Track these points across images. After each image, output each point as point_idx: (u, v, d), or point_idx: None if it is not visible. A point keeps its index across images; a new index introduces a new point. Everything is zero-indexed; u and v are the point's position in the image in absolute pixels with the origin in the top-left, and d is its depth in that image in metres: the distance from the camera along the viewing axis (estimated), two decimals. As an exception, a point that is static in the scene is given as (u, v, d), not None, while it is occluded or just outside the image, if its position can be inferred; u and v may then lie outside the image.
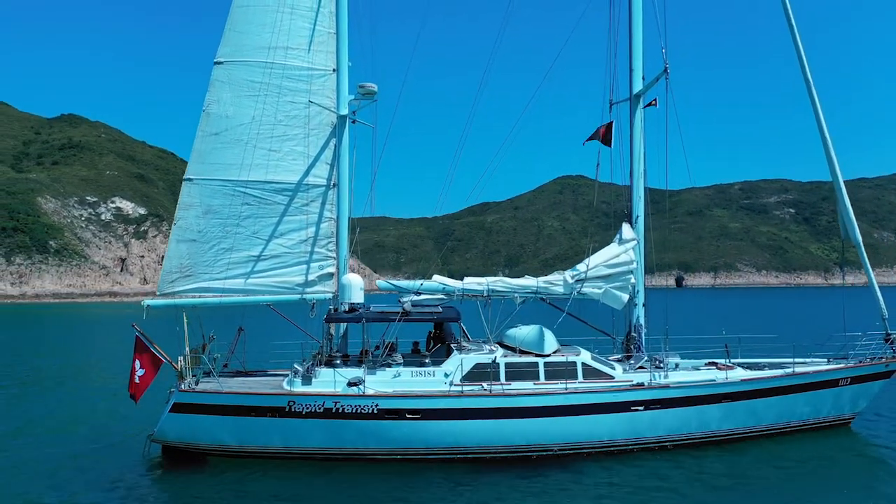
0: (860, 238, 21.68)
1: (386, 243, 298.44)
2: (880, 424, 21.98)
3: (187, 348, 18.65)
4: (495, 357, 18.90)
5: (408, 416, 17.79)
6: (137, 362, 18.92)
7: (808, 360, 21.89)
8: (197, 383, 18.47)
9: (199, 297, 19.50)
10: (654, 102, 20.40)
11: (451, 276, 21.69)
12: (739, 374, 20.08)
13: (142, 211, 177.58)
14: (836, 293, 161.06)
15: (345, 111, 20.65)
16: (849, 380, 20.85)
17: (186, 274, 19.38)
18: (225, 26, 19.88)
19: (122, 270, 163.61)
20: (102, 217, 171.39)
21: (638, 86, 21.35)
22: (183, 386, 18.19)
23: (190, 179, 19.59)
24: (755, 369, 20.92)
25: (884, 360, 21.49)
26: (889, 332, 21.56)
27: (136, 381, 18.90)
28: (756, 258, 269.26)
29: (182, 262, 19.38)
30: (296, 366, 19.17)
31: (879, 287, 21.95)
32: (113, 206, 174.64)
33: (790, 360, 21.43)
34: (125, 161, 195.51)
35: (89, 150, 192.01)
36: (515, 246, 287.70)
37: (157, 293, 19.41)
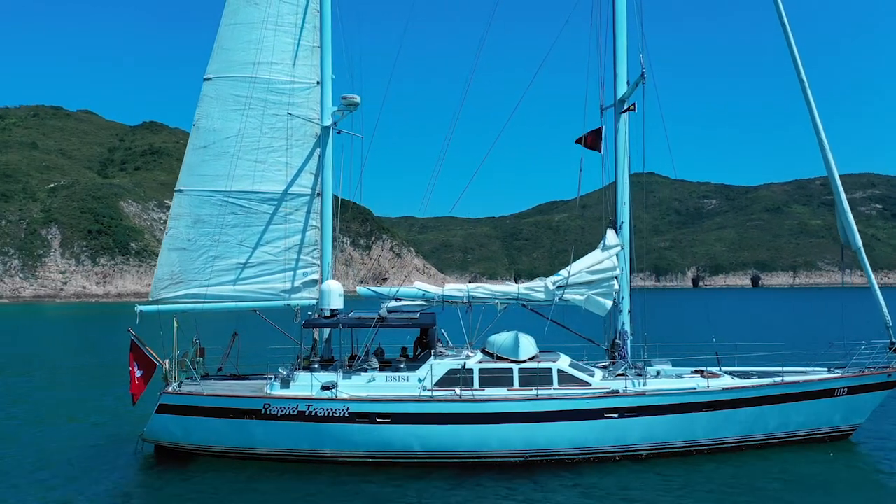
0: (860, 243, 20.78)
1: (453, 243, 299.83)
2: (884, 437, 20.95)
3: (175, 352, 19.64)
4: (468, 363, 19.08)
5: (378, 419, 18.21)
6: (135, 364, 20.07)
7: (807, 368, 21.12)
8: (180, 385, 19.43)
9: (189, 303, 20.45)
10: (632, 107, 20.12)
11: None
12: (722, 382, 19.57)
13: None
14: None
15: (328, 122, 21.25)
16: (845, 390, 19.99)
17: (177, 281, 20.40)
18: (214, 44, 20.81)
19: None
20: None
21: (623, 91, 21.09)
22: (169, 388, 19.17)
23: (180, 191, 20.61)
24: (745, 378, 20.33)
25: (887, 369, 20.50)
26: (893, 340, 20.56)
27: (136, 382, 20.06)
28: (838, 256, 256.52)
29: (173, 269, 20.41)
30: (280, 370, 19.88)
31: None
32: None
33: (788, 368, 20.71)
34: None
35: (168, 156, 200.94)
36: (583, 245, 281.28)
37: (150, 299, 20.51)
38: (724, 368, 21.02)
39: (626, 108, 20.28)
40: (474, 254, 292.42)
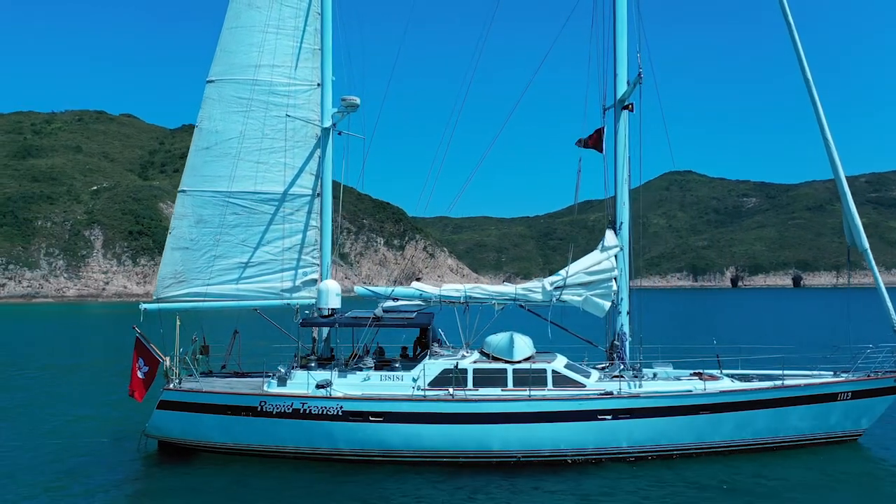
0: (867, 244, 20.28)
1: (487, 242, 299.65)
2: (890, 440, 20.40)
3: (177, 349, 20.08)
4: (462, 363, 19.12)
5: (371, 418, 18.38)
6: (140, 361, 20.58)
7: (811, 372, 20.67)
8: (181, 382, 19.87)
9: (191, 301, 20.89)
10: (630, 107, 19.95)
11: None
12: (720, 385, 19.27)
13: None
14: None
15: (328, 124, 21.53)
16: (849, 394, 19.51)
17: (180, 280, 20.86)
18: (216, 47, 21.24)
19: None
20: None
21: (623, 91, 20.92)
22: (170, 385, 19.63)
23: (184, 191, 21.08)
24: (745, 381, 19.98)
25: (894, 374, 19.95)
26: (902, 344, 20.00)
27: (140, 378, 20.57)
28: (885, 256, 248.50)
29: (176, 268, 20.87)
30: (279, 368, 20.20)
31: None
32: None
33: (790, 372, 20.29)
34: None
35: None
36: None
37: (153, 297, 21.01)
38: (724, 371, 20.68)
39: (623, 107, 20.10)
40: (508, 253, 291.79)
